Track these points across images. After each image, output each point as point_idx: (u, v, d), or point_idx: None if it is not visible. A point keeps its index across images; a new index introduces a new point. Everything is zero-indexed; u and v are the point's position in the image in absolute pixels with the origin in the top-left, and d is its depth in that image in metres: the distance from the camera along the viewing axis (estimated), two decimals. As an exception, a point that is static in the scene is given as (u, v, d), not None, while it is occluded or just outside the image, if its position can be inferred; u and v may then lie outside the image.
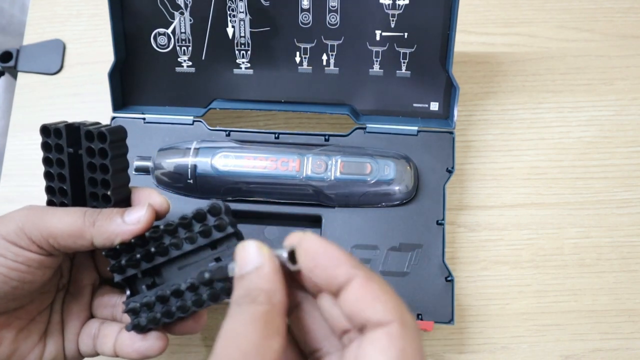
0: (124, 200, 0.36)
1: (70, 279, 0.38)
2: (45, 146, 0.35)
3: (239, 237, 0.33)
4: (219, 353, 0.23)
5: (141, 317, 0.34)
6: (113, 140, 0.34)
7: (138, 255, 0.34)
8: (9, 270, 0.33)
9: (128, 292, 0.35)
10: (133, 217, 0.33)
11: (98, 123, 0.36)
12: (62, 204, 0.35)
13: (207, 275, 0.29)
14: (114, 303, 0.38)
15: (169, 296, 0.33)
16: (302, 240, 0.26)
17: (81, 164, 0.35)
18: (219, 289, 0.32)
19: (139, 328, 0.34)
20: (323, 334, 0.27)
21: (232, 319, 0.25)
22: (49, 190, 0.36)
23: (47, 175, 0.35)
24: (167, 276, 0.35)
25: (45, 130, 0.35)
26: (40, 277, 0.34)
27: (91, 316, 0.38)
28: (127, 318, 0.36)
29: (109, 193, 0.35)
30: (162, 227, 0.33)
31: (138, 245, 0.34)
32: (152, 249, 0.33)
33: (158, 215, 0.35)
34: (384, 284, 0.24)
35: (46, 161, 0.35)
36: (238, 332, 0.24)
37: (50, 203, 0.36)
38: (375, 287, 0.24)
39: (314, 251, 0.25)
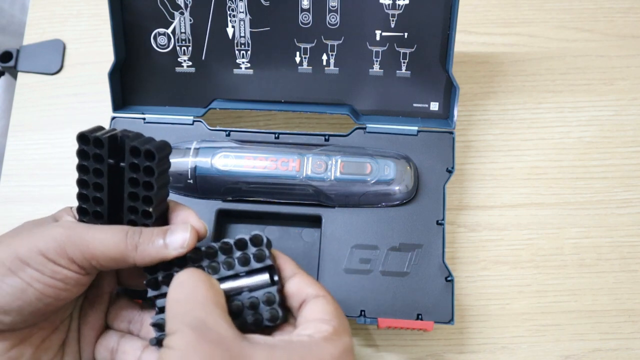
0: (163, 216, 0.35)
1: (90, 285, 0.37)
2: (81, 154, 0.34)
3: (273, 270, 0.34)
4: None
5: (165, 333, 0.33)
6: (160, 158, 0.34)
7: (175, 274, 0.33)
8: (45, 287, 0.32)
9: (157, 308, 0.34)
10: (176, 242, 0.33)
11: (140, 135, 0.34)
12: (96, 213, 0.35)
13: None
14: (130, 317, 0.37)
15: None
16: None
17: (120, 176, 0.34)
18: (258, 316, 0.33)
19: (161, 344, 0.33)
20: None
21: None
22: (81, 197, 0.35)
23: (81, 183, 0.34)
24: None
25: (84, 138, 0.34)
26: (75, 293, 0.34)
27: (106, 326, 0.38)
28: (145, 334, 0.36)
29: (150, 210, 0.34)
30: (203, 249, 0.33)
31: (176, 265, 0.34)
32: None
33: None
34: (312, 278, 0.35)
35: (81, 169, 0.34)
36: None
37: (81, 210, 0.35)
38: (309, 278, 0.34)
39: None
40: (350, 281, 0.43)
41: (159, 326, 0.33)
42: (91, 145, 0.34)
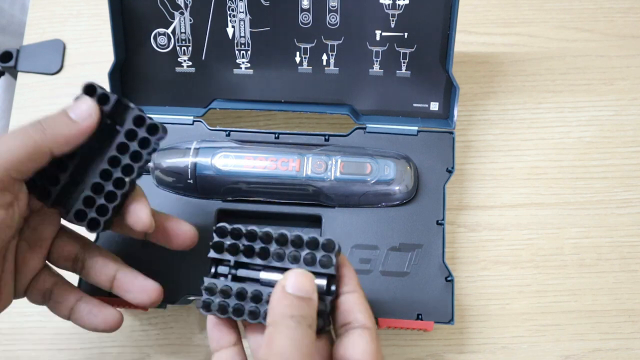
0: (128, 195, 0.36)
1: (26, 225, 0.37)
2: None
3: (333, 281, 0.33)
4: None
5: (214, 300, 0.33)
6: (159, 136, 0.35)
7: (242, 247, 0.34)
8: None
9: (213, 271, 0.35)
10: (82, 112, 0.33)
11: (142, 111, 0.36)
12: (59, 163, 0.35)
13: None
14: (73, 256, 0.37)
15: (247, 297, 0.33)
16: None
17: (103, 139, 0.35)
18: None
19: (207, 308, 0.33)
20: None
21: (287, 332, 0.29)
22: None
23: None
24: (249, 275, 0.34)
25: (91, 88, 0.35)
26: (4, 237, 0.33)
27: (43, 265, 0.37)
28: (87, 274, 0.37)
29: (127, 179, 0.35)
30: (275, 235, 0.33)
31: (247, 237, 0.34)
32: (257, 249, 0.34)
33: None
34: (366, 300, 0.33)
35: None
36: (297, 344, 0.29)
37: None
38: (366, 303, 0.33)
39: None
40: (350, 281, 0.43)
41: (210, 290, 0.33)
42: (95, 97, 0.34)
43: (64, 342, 0.46)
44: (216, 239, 0.34)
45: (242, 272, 0.34)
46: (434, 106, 0.48)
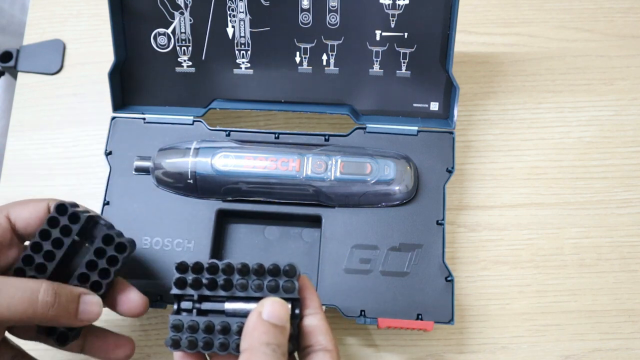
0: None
1: None
2: (50, 221, 0.36)
3: (297, 304, 0.34)
4: None
5: (182, 337, 0.34)
6: (128, 253, 0.37)
7: (205, 281, 0.34)
8: None
9: (176, 307, 0.35)
10: (87, 316, 0.34)
11: (112, 227, 0.37)
12: (33, 278, 0.35)
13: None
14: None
15: (215, 330, 0.33)
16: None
17: (73, 254, 0.36)
18: None
19: (176, 345, 0.34)
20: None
21: (263, 359, 0.30)
22: (25, 259, 0.36)
23: (33, 248, 0.36)
24: (213, 308, 0.35)
25: (62, 208, 0.36)
26: None
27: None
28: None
29: (98, 294, 0.36)
30: (238, 265, 0.34)
31: (208, 271, 0.34)
32: (220, 281, 0.34)
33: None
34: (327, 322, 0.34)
35: (42, 234, 0.36)
36: None
37: (18, 271, 0.36)
38: (327, 325, 0.34)
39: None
40: (350, 281, 0.43)
41: (177, 328, 0.34)
42: (66, 216, 0.36)
43: (64, 342, 0.46)
44: (177, 275, 0.34)
45: (206, 305, 0.35)
46: (434, 106, 0.48)
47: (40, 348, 0.39)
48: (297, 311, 0.34)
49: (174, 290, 0.34)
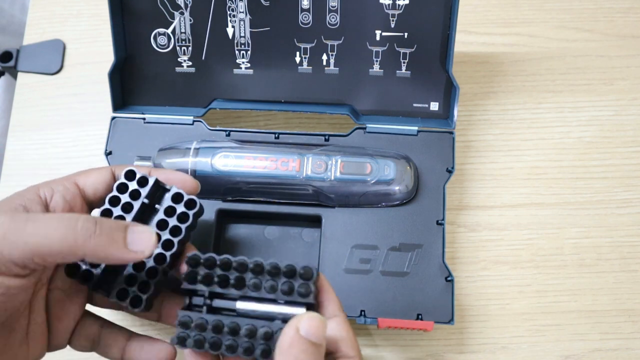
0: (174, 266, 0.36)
1: (57, 274, 0.35)
2: (120, 187, 0.36)
3: (313, 309, 0.33)
4: None
5: (189, 335, 0.32)
6: (198, 211, 0.37)
7: (216, 277, 0.33)
8: None
9: (187, 302, 0.34)
10: (138, 245, 0.30)
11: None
12: None
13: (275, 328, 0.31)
14: (96, 335, 0.36)
15: (224, 330, 0.32)
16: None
17: (144, 220, 0.36)
18: (272, 348, 0.32)
19: (182, 342, 0.32)
20: None
21: None
22: None
23: (103, 214, 0.35)
24: (225, 306, 0.34)
25: (131, 174, 0.36)
26: (21, 300, 0.31)
27: (85, 311, 0.36)
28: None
29: (167, 254, 0.35)
30: (251, 264, 0.33)
31: (221, 267, 0.33)
32: (232, 279, 0.33)
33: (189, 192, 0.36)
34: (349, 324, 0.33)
35: (112, 201, 0.36)
36: None
37: None
38: (349, 328, 0.32)
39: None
40: (350, 281, 0.43)
41: (184, 325, 0.32)
42: (134, 181, 0.36)
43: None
44: (189, 269, 0.33)
45: (217, 303, 0.34)
46: (434, 106, 0.48)
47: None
48: None
49: (185, 285, 0.33)
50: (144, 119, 0.48)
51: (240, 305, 0.33)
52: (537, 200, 0.50)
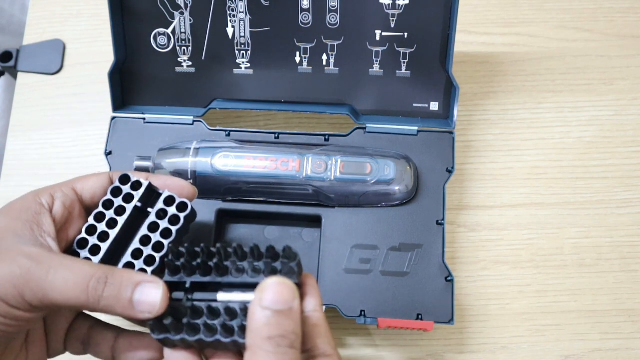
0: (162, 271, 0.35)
1: None
2: (114, 191, 0.36)
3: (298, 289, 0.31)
4: None
5: (171, 336, 0.31)
6: (189, 214, 0.36)
7: (197, 265, 0.32)
8: None
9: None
10: (145, 305, 0.30)
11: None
12: (94, 248, 0.35)
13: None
14: (86, 335, 0.36)
15: (202, 312, 0.31)
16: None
17: (137, 222, 0.36)
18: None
19: (160, 331, 0.31)
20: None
21: (265, 358, 0.27)
22: (88, 230, 0.35)
23: (97, 218, 0.35)
24: (205, 297, 0.32)
25: (125, 178, 0.36)
26: (27, 327, 0.32)
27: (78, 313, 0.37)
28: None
29: (157, 256, 0.35)
30: (231, 248, 0.32)
31: (202, 253, 0.32)
32: (214, 265, 0.32)
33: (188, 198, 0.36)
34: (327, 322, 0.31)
35: (106, 204, 0.36)
36: None
37: (81, 242, 0.35)
38: (324, 322, 0.31)
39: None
40: (350, 281, 0.43)
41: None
42: (128, 185, 0.36)
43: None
44: (170, 259, 0.32)
45: (198, 295, 0.32)
46: (434, 106, 0.48)
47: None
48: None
49: (167, 277, 0.32)
50: (144, 119, 0.48)
51: (222, 296, 0.32)
52: (537, 200, 0.50)
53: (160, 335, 0.31)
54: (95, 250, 0.35)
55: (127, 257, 0.35)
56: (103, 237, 0.35)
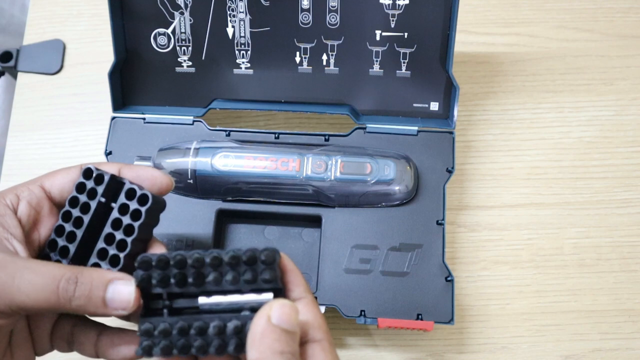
0: (128, 267, 0.33)
1: None
2: (79, 187, 0.34)
3: (280, 293, 0.31)
4: None
5: (155, 342, 0.30)
6: (151, 207, 0.34)
7: (172, 278, 0.30)
8: None
9: (144, 309, 0.31)
10: (118, 303, 0.30)
11: (142, 188, 0.34)
12: (63, 250, 0.34)
13: (246, 323, 0.30)
14: (70, 332, 0.35)
15: (191, 332, 0.30)
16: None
17: (105, 218, 0.34)
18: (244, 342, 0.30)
19: (149, 352, 0.30)
20: None
21: None
22: (57, 230, 0.34)
23: (64, 216, 0.34)
24: (187, 305, 0.32)
25: (88, 171, 0.34)
26: (3, 333, 0.31)
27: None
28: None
29: (121, 255, 0.33)
30: (208, 259, 0.30)
31: (175, 266, 0.30)
32: (190, 276, 0.31)
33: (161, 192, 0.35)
34: (316, 304, 0.32)
35: (72, 202, 0.34)
36: None
37: (51, 244, 0.34)
38: (317, 310, 0.31)
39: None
40: (350, 281, 0.43)
41: (147, 333, 0.30)
42: (92, 179, 0.34)
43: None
44: (140, 272, 0.30)
45: (178, 303, 0.31)
46: (434, 106, 0.48)
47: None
48: None
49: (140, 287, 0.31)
50: (144, 119, 0.48)
51: (203, 300, 0.31)
52: (537, 200, 0.50)
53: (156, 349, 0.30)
54: (64, 251, 0.34)
55: (94, 258, 0.34)
56: (70, 237, 0.34)
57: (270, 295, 0.31)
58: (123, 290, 0.31)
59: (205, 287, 0.31)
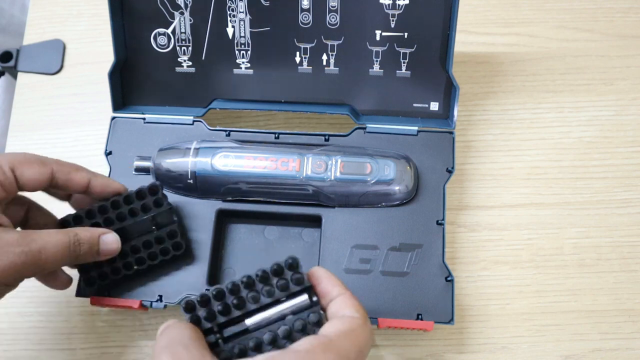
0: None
1: None
2: (127, 199, 0.42)
3: (311, 291, 0.33)
4: None
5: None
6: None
7: (216, 309, 0.32)
8: None
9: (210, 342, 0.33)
10: (108, 251, 0.41)
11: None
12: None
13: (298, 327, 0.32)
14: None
15: (249, 353, 0.32)
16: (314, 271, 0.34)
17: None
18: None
19: None
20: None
21: None
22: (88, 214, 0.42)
23: (101, 210, 0.42)
24: (236, 330, 0.33)
25: (150, 191, 0.42)
26: None
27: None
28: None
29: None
30: (241, 281, 0.33)
31: (215, 298, 0.33)
32: (231, 303, 0.33)
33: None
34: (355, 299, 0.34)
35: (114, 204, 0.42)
36: None
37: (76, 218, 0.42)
38: (356, 302, 0.33)
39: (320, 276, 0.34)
40: (350, 281, 0.43)
41: None
42: (149, 199, 0.42)
43: (65, 342, 0.46)
44: (187, 315, 0.32)
45: (228, 331, 0.33)
46: (434, 106, 0.48)
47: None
48: (314, 298, 0.33)
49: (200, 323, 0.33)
50: (144, 119, 0.48)
51: (249, 321, 0.33)
52: (537, 200, 0.50)
53: None
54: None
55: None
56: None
57: (304, 296, 0.33)
58: (110, 240, 0.41)
59: (247, 308, 0.33)
